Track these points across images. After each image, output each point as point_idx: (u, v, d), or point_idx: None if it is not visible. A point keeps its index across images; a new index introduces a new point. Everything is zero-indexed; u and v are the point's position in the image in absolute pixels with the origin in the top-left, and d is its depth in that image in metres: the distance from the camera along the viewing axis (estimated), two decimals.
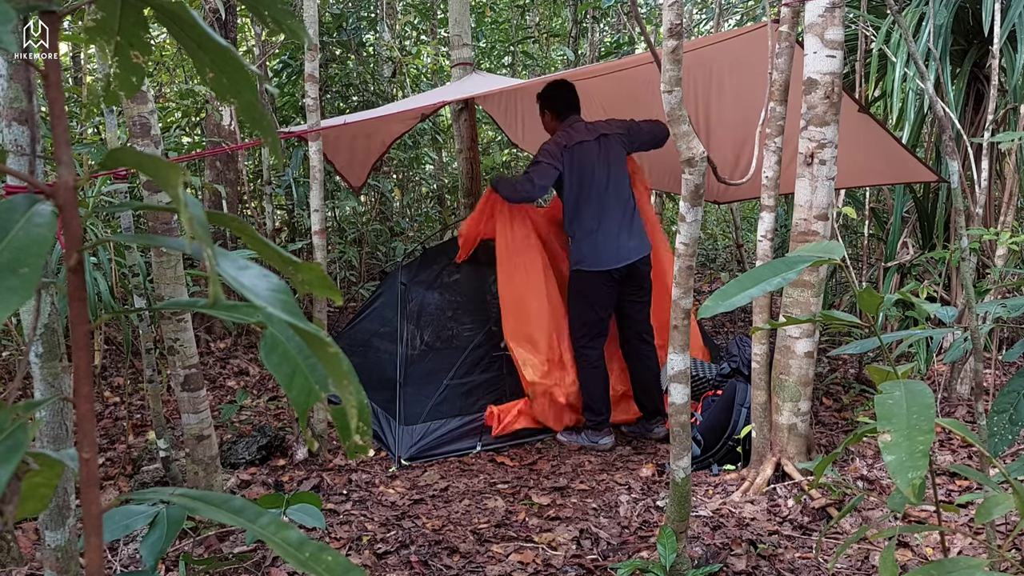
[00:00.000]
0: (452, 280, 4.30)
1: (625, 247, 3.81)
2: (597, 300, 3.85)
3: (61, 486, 1.66)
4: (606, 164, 3.85)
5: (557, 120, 4.02)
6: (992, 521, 1.53)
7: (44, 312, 1.65)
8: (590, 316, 3.87)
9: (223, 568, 2.41)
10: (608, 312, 3.90)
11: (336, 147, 5.34)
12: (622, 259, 3.80)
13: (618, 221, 3.83)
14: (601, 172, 3.83)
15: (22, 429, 0.64)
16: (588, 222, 3.84)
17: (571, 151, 3.84)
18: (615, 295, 3.88)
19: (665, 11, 2.15)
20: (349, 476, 3.37)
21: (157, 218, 2.60)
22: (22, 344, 3.54)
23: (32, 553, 2.53)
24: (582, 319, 3.90)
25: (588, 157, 3.84)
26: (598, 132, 3.89)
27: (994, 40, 3.97)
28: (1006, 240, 3.61)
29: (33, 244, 0.57)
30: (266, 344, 0.73)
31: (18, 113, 1.60)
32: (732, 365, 3.81)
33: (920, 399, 0.99)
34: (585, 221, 3.84)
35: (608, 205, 3.82)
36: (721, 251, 8.71)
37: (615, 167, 3.87)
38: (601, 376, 3.91)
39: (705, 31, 10.19)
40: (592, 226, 3.83)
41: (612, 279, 3.83)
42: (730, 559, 2.52)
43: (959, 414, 3.92)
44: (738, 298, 1.12)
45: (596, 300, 3.85)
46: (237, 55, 0.72)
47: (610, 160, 3.86)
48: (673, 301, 2.32)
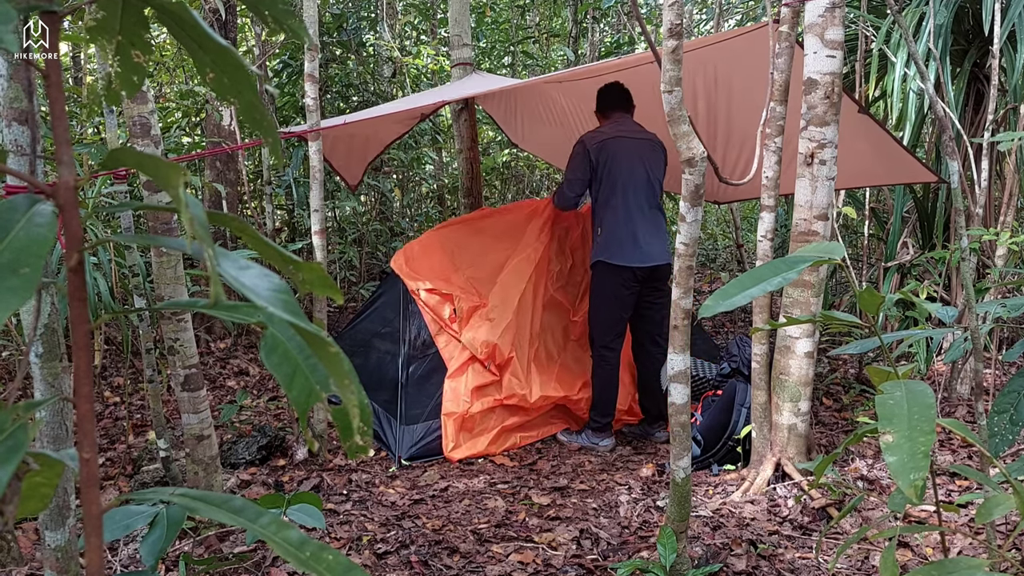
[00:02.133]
0: None
1: (650, 250, 3.79)
2: (618, 298, 3.83)
3: (61, 486, 1.66)
4: (643, 166, 3.83)
5: (603, 118, 4.02)
6: (992, 521, 1.53)
7: (44, 312, 1.65)
8: (611, 316, 3.86)
9: (223, 568, 2.41)
10: (628, 313, 3.89)
11: (335, 147, 5.34)
12: (646, 260, 3.78)
13: (646, 223, 3.81)
14: (636, 171, 3.81)
15: (22, 429, 0.64)
16: (616, 216, 3.81)
17: (603, 145, 3.83)
18: (635, 296, 3.86)
19: (665, 11, 2.15)
20: (349, 476, 3.37)
21: (157, 218, 2.60)
22: (22, 344, 3.53)
23: (32, 553, 2.52)
24: (603, 319, 3.89)
25: (623, 152, 3.82)
26: (645, 136, 3.90)
27: (994, 40, 3.97)
28: (1006, 240, 3.61)
29: (34, 244, 0.57)
30: (267, 344, 0.72)
31: (18, 113, 1.60)
32: (732, 365, 3.81)
33: (921, 399, 0.99)
34: (613, 214, 3.82)
35: (639, 204, 3.80)
36: (721, 251, 8.71)
37: (652, 172, 3.86)
38: (616, 380, 3.89)
39: (705, 31, 10.19)
40: (620, 220, 3.81)
41: (635, 278, 3.81)
42: (730, 559, 2.51)
43: (959, 414, 3.92)
44: (739, 297, 1.12)
45: (617, 298, 3.83)
46: (238, 55, 0.72)
47: (648, 164, 3.85)
48: (673, 301, 2.32)
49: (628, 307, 3.86)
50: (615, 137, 3.84)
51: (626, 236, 3.78)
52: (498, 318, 3.93)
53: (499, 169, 8.11)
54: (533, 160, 8.17)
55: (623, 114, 3.96)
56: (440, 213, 8.07)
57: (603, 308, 3.88)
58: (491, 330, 3.88)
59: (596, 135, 3.89)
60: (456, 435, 3.66)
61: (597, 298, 3.91)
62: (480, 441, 3.72)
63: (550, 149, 6.01)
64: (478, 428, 3.74)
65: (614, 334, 3.87)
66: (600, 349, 3.89)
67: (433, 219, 7.76)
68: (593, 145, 3.86)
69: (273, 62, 6.40)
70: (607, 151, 3.82)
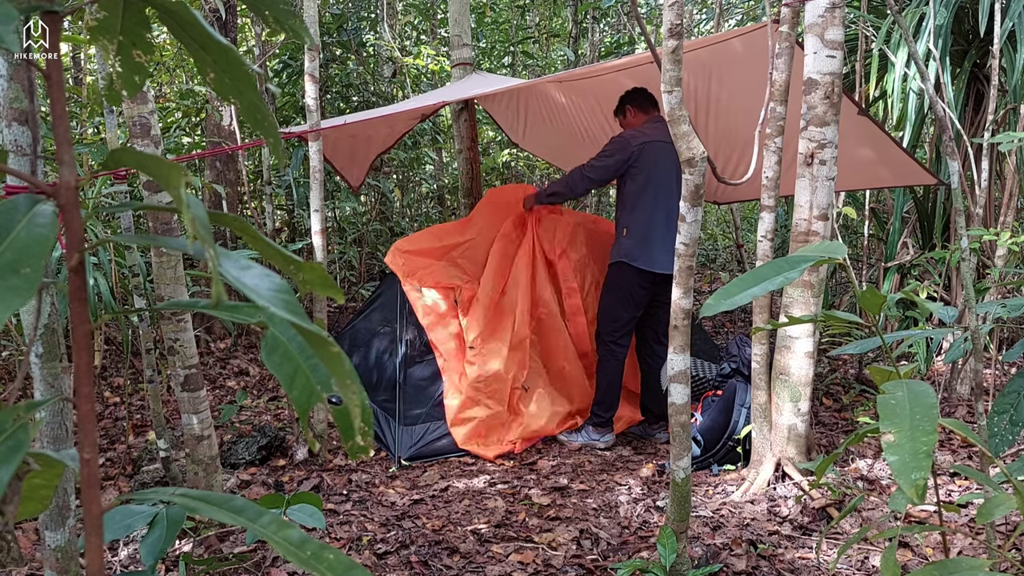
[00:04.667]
0: None
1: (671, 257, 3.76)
2: (633, 298, 3.84)
3: (61, 486, 1.66)
4: (676, 173, 3.76)
5: (641, 113, 3.96)
6: (992, 522, 1.53)
7: (44, 312, 1.65)
8: (623, 314, 3.87)
9: (223, 568, 2.41)
10: (639, 312, 3.89)
11: (336, 147, 5.34)
12: (668, 267, 3.71)
13: (671, 229, 3.72)
14: (671, 177, 3.77)
15: (23, 429, 0.63)
16: (645, 219, 3.80)
17: (645, 146, 3.80)
18: (648, 297, 3.87)
19: (665, 11, 2.14)
20: (349, 476, 3.37)
21: (157, 218, 2.59)
22: (22, 344, 3.53)
23: (32, 553, 2.52)
24: (614, 315, 3.89)
25: (663, 158, 3.78)
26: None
27: (994, 40, 3.97)
28: (1006, 240, 3.61)
29: (35, 244, 0.57)
30: (267, 344, 0.72)
31: (19, 113, 1.60)
32: (732, 365, 3.81)
33: (923, 399, 0.99)
34: (641, 217, 3.80)
35: (668, 211, 3.77)
36: (721, 251, 8.71)
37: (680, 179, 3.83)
38: (620, 376, 3.90)
39: (705, 31, 10.19)
40: (648, 224, 3.80)
41: (653, 282, 3.81)
42: (730, 559, 2.51)
43: (959, 414, 3.92)
44: (740, 297, 1.12)
45: (633, 298, 3.84)
46: (239, 55, 0.72)
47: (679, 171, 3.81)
48: (673, 301, 2.32)
49: (640, 307, 3.88)
50: (657, 141, 3.80)
51: (654, 241, 3.77)
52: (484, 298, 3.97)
53: (499, 169, 8.10)
54: (533, 160, 8.17)
55: (659, 116, 3.91)
56: (440, 213, 8.07)
57: (617, 305, 3.89)
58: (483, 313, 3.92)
59: (639, 135, 3.85)
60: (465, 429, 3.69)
61: (612, 295, 3.93)
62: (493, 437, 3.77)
63: (550, 149, 6.01)
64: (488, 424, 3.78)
65: (624, 331, 3.88)
66: (609, 344, 3.90)
67: (433, 219, 7.76)
68: (637, 144, 3.82)
69: (273, 62, 6.40)
70: (649, 154, 3.79)
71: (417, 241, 4.17)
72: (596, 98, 4.78)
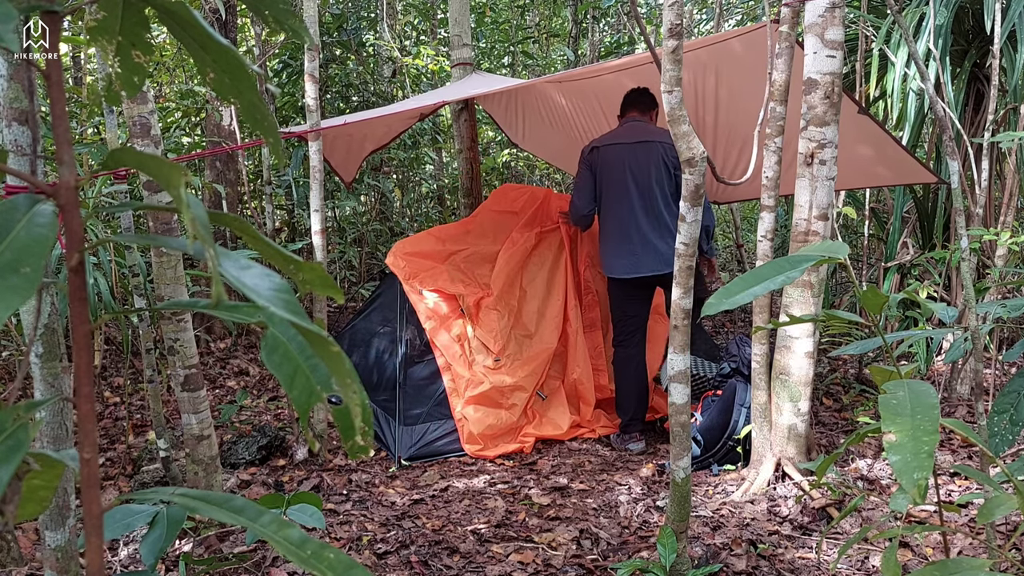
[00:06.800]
0: None
1: (645, 259, 3.66)
2: (622, 304, 3.85)
3: (61, 486, 1.66)
4: (638, 170, 3.68)
5: (620, 117, 3.94)
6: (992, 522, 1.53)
7: (44, 312, 1.65)
8: (617, 316, 3.90)
9: (223, 568, 2.41)
10: (639, 311, 3.87)
11: (333, 145, 5.34)
12: (640, 270, 3.67)
13: (641, 232, 3.67)
14: (625, 178, 3.69)
15: (23, 429, 0.63)
16: (603, 226, 3.80)
17: (598, 152, 3.76)
18: (643, 298, 3.85)
19: (665, 11, 2.14)
20: (349, 476, 3.37)
21: (157, 218, 2.59)
22: (22, 344, 3.53)
23: (32, 553, 2.52)
24: (615, 320, 3.93)
25: (616, 160, 3.71)
26: (640, 137, 3.72)
27: (994, 40, 3.97)
28: (1006, 240, 3.61)
29: (35, 244, 0.57)
30: (267, 344, 0.72)
31: (18, 113, 1.60)
32: (732, 365, 3.81)
33: (924, 399, 0.99)
34: (605, 225, 3.80)
35: (632, 213, 3.67)
36: (721, 251, 8.71)
37: (651, 175, 3.68)
38: (632, 379, 3.86)
39: (705, 31, 10.19)
40: (605, 230, 3.79)
41: (636, 285, 3.76)
42: (730, 559, 2.51)
43: (959, 414, 3.92)
44: (742, 296, 1.12)
45: (622, 304, 3.86)
46: (239, 55, 0.72)
47: (642, 167, 3.68)
48: (673, 301, 2.32)
49: (637, 307, 3.86)
50: (611, 144, 3.75)
51: (618, 249, 3.72)
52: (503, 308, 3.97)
53: (499, 169, 8.10)
54: (533, 160, 8.17)
55: (634, 117, 3.84)
56: (440, 213, 8.08)
57: (614, 310, 3.94)
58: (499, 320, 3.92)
59: (594, 141, 3.83)
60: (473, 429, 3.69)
61: (609, 301, 3.97)
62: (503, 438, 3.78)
63: (550, 149, 6.01)
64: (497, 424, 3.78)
65: (626, 332, 3.88)
66: (615, 347, 3.93)
67: (433, 219, 7.76)
68: (588, 151, 3.80)
69: (273, 62, 6.40)
70: (601, 157, 3.76)
71: (418, 243, 4.16)
72: (596, 98, 4.78)
